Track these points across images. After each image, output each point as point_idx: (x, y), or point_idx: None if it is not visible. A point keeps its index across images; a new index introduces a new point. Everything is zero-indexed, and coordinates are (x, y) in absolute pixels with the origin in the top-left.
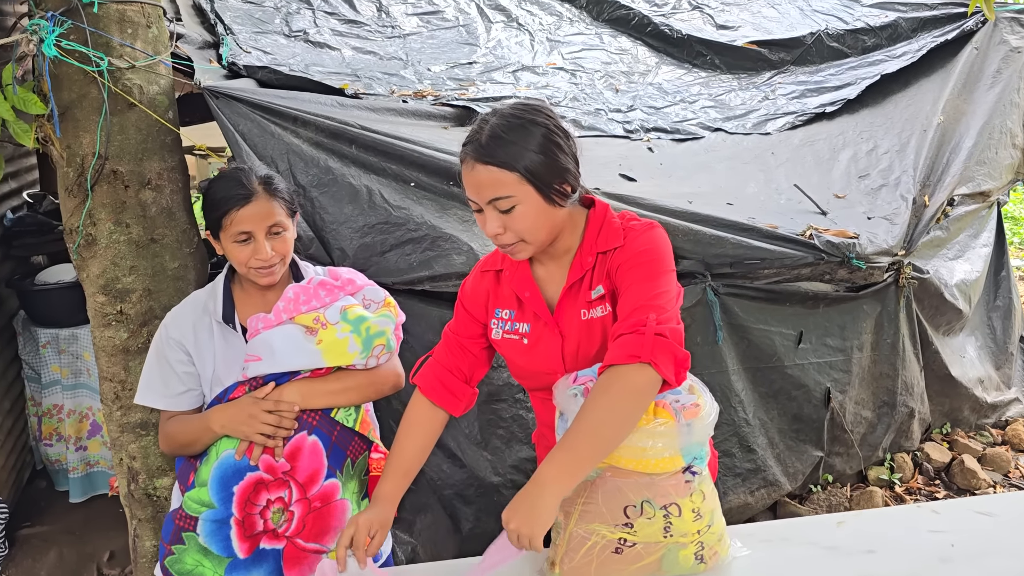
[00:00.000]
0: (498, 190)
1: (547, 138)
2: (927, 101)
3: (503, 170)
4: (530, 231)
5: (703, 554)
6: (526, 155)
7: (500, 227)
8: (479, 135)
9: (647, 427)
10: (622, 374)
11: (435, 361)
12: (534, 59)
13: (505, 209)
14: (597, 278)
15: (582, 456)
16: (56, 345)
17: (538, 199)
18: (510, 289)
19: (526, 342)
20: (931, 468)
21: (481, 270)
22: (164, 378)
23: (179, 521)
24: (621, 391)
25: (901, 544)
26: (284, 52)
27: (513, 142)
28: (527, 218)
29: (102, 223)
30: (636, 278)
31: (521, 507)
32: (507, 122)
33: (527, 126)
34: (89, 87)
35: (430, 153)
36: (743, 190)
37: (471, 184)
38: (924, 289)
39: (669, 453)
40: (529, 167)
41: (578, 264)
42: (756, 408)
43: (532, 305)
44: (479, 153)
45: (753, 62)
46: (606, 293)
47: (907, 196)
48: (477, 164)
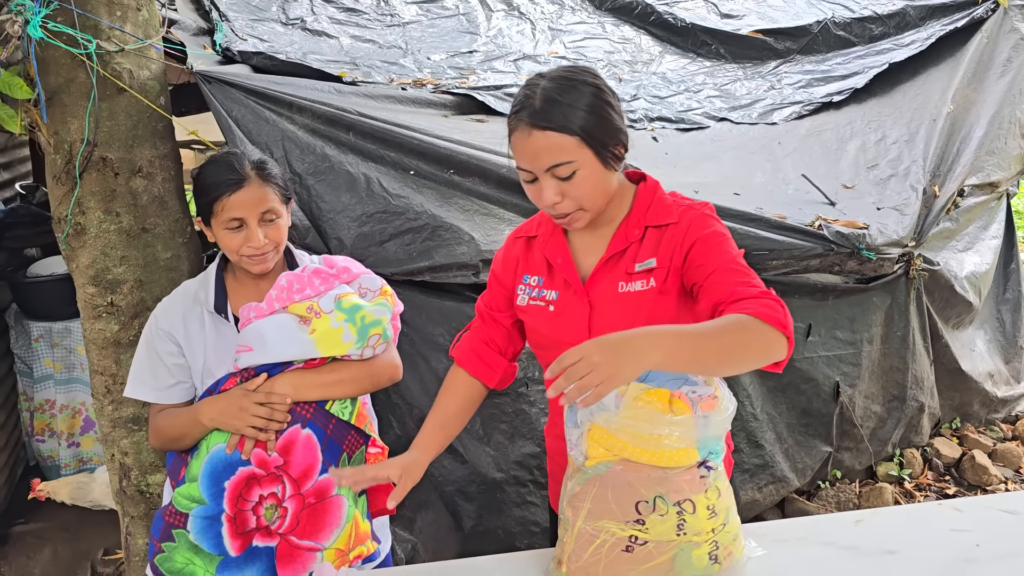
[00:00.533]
0: (557, 156)
1: (599, 98)
2: (936, 90)
3: (562, 134)
4: (589, 197)
5: (717, 554)
6: (582, 117)
7: (559, 195)
8: (531, 100)
9: (663, 416)
10: (768, 332)
11: (471, 334)
12: (535, 48)
13: (565, 176)
14: (646, 251)
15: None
16: (49, 339)
17: (596, 163)
18: (541, 255)
19: (552, 309)
20: (941, 464)
21: (514, 236)
22: (154, 370)
23: (169, 518)
24: (760, 344)
25: (923, 544)
26: (281, 40)
27: (568, 104)
28: (587, 183)
29: (91, 212)
30: (727, 256)
31: (617, 346)
32: (558, 84)
33: (579, 87)
34: (77, 71)
35: (430, 141)
36: (750, 180)
37: (527, 152)
38: (934, 281)
39: (684, 445)
40: (587, 129)
41: (622, 235)
42: (764, 402)
43: (563, 272)
44: (535, 118)
45: (758, 51)
46: (660, 268)
47: (917, 186)
48: (533, 130)
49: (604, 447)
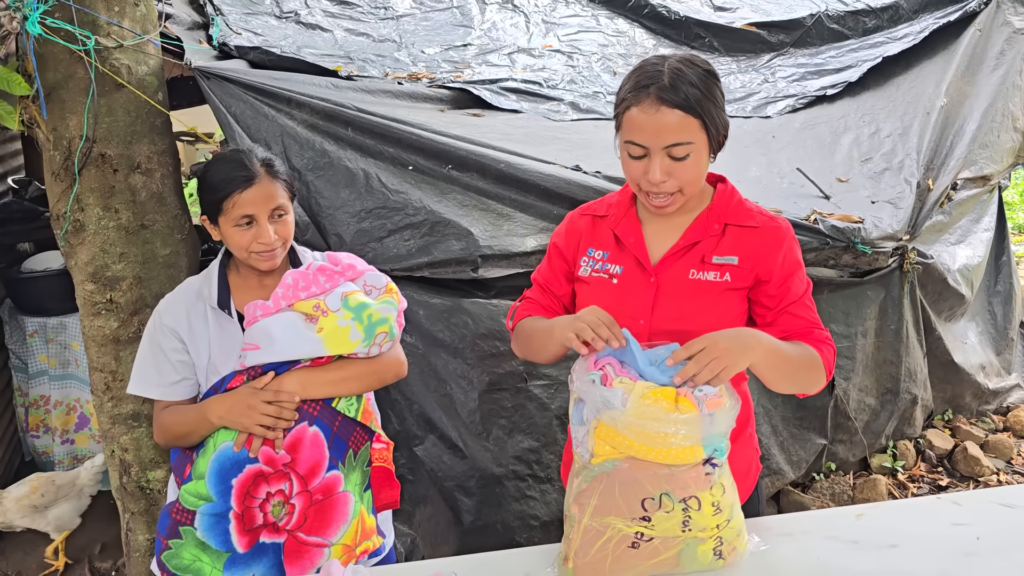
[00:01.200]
0: (680, 135)
1: (715, 85)
2: (930, 83)
3: (689, 115)
4: (693, 181)
5: (722, 549)
6: (707, 104)
7: (666, 175)
8: (659, 77)
9: (669, 415)
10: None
11: (528, 301)
12: (530, 41)
13: (680, 156)
14: (727, 248)
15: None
16: (44, 334)
17: (707, 148)
18: (610, 231)
19: (615, 282)
20: (933, 455)
21: (579, 214)
22: (158, 367)
23: (176, 515)
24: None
25: (924, 538)
26: (275, 33)
27: (699, 89)
28: (696, 167)
29: (90, 208)
30: (802, 290)
31: (735, 339)
32: (688, 68)
33: (706, 76)
34: (75, 67)
35: (428, 136)
36: (745, 173)
37: (650, 127)
38: (928, 274)
39: (690, 443)
40: (711, 115)
41: (700, 226)
42: (760, 396)
43: (635, 250)
44: (664, 93)
45: (752, 44)
46: (741, 268)
47: (911, 180)
48: (662, 106)
49: (611, 445)
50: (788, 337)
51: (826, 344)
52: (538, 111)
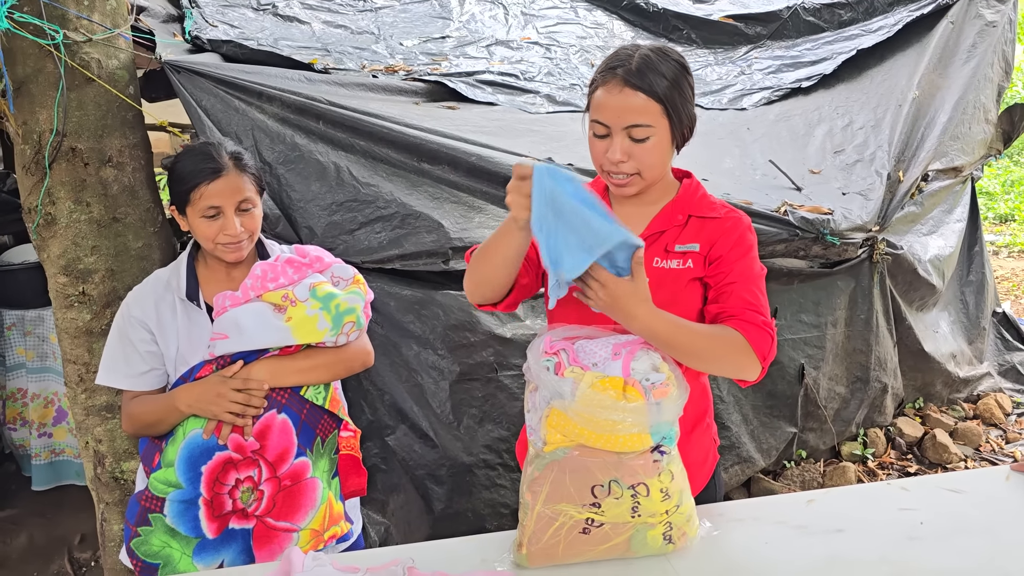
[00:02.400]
0: (640, 117)
1: (684, 78)
2: (903, 76)
3: (650, 99)
4: (652, 166)
5: (671, 534)
6: (672, 91)
7: (625, 155)
8: (628, 61)
9: (618, 403)
10: (747, 355)
11: None
12: (508, 33)
13: (639, 138)
14: (689, 236)
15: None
16: (22, 327)
17: (668, 137)
18: None
19: None
20: (904, 443)
21: None
22: (127, 357)
23: (145, 502)
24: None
25: (870, 522)
26: (252, 26)
27: (663, 74)
28: (655, 152)
29: (61, 202)
30: (749, 274)
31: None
32: (655, 53)
33: (674, 64)
34: (45, 61)
35: (399, 129)
36: (718, 165)
37: (612, 107)
38: (898, 265)
39: (638, 430)
40: (673, 103)
41: (665, 217)
42: (730, 385)
43: None
44: (629, 76)
45: (729, 36)
46: (701, 255)
47: (882, 171)
48: (626, 88)
49: (561, 433)
50: (721, 314)
51: (757, 328)
52: (514, 103)
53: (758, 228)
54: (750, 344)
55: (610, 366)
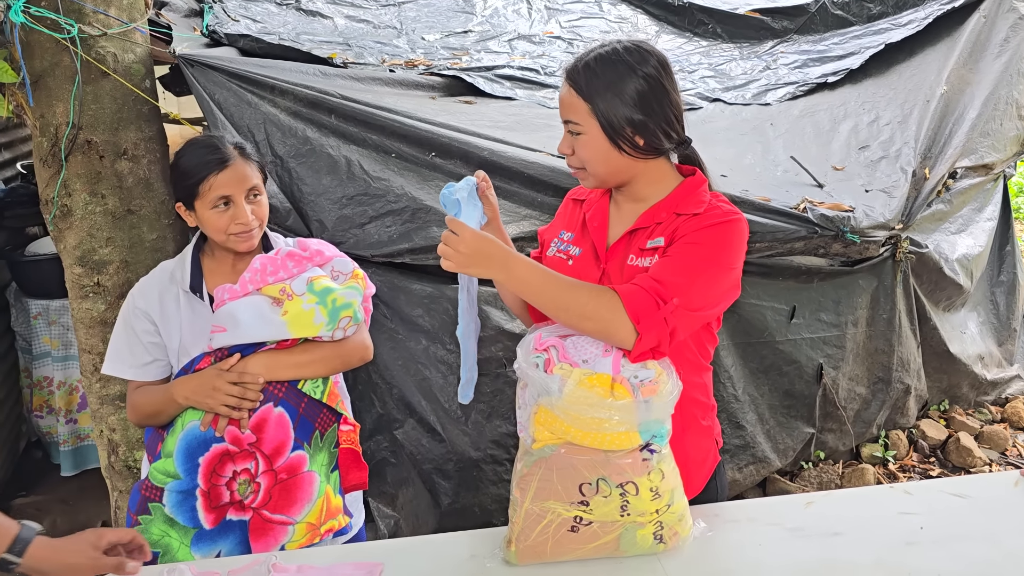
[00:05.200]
0: (569, 113)
1: (638, 89)
2: (932, 71)
3: (579, 97)
4: (588, 162)
5: (662, 534)
6: (605, 95)
7: (569, 148)
8: (583, 58)
9: (605, 400)
10: (616, 315)
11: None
12: (531, 28)
13: (574, 133)
14: (661, 232)
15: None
16: (47, 316)
17: (602, 138)
18: (583, 215)
19: (571, 264)
20: (926, 445)
21: (568, 197)
22: (131, 348)
23: (145, 492)
24: (600, 321)
25: (868, 526)
26: (275, 20)
27: (600, 77)
28: (587, 149)
29: (77, 194)
30: (688, 257)
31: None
32: (607, 56)
33: (621, 68)
34: (61, 55)
35: (411, 123)
36: (739, 161)
37: (559, 99)
38: (922, 264)
39: (626, 428)
40: (602, 107)
41: (650, 215)
42: (746, 384)
43: (594, 235)
44: (569, 72)
45: (755, 31)
46: (663, 248)
47: (907, 168)
48: (565, 82)
49: (549, 430)
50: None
51: (641, 292)
52: (533, 98)
53: (776, 225)
54: (623, 303)
55: (600, 363)
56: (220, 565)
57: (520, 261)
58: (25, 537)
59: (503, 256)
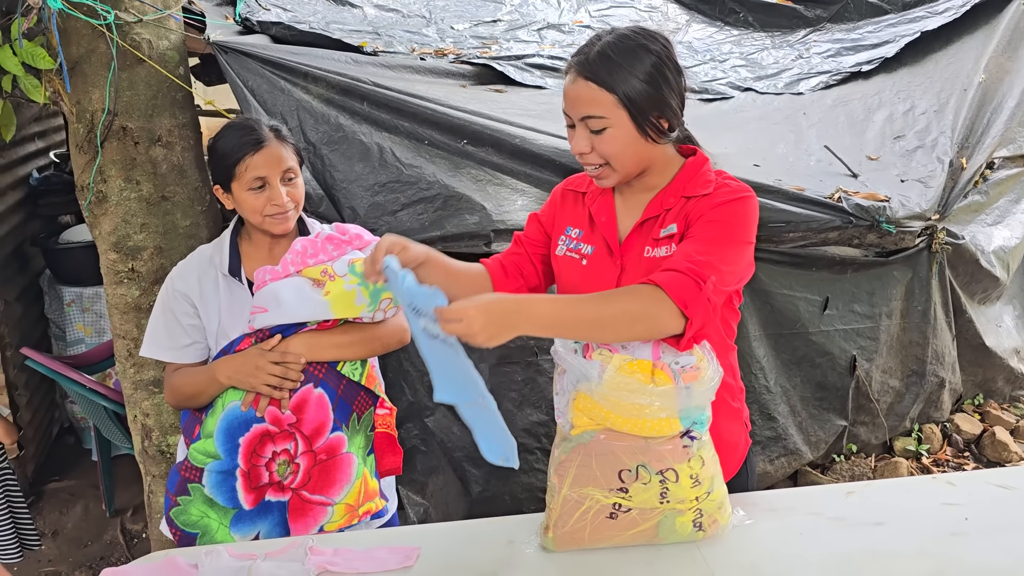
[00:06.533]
0: (592, 108)
1: (656, 68)
2: (969, 59)
3: (602, 89)
4: (616, 157)
5: (702, 521)
6: (629, 80)
7: (588, 146)
8: (589, 50)
9: (646, 387)
10: (663, 305)
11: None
12: (560, 17)
13: (596, 129)
14: (672, 219)
15: (571, 329)
16: (80, 303)
17: (631, 127)
18: (587, 209)
19: (585, 263)
20: (960, 440)
21: (563, 187)
22: (170, 330)
23: (184, 472)
24: (650, 317)
25: (912, 516)
26: (304, 9)
27: (620, 64)
28: (616, 143)
29: (112, 180)
30: (713, 234)
31: (495, 312)
32: (620, 42)
33: (638, 51)
34: (97, 41)
35: (443, 111)
36: (772, 151)
37: (568, 97)
38: (959, 255)
39: (666, 415)
40: (629, 93)
41: (658, 202)
42: (778, 375)
43: (604, 230)
44: (582, 67)
45: (788, 19)
46: (678, 235)
47: (944, 158)
48: (579, 78)
49: (588, 416)
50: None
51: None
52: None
53: (810, 215)
54: (666, 291)
55: (640, 349)
56: (258, 548)
57: (539, 301)
58: None
59: (518, 306)
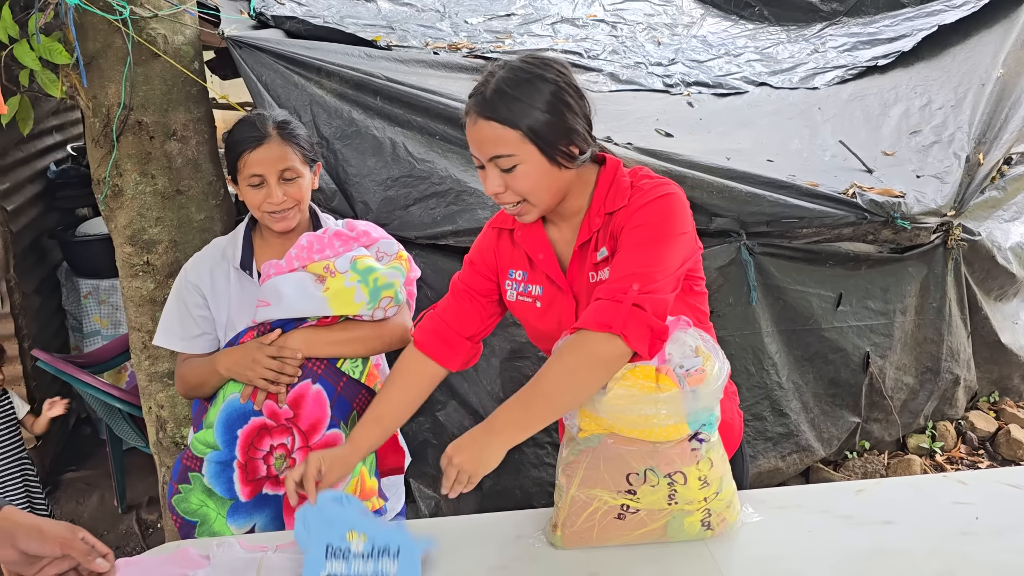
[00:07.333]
0: (499, 147)
1: (556, 96)
2: (987, 53)
3: (505, 127)
4: (532, 192)
5: (710, 521)
6: (531, 113)
7: (501, 186)
8: (484, 88)
9: (650, 395)
10: (590, 341)
11: (436, 313)
12: (574, 11)
13: (506, 168)
14: (602, 239)
15: (535, 415)
16: (96, 296)
17: (541, 160)
18: (522, 249)
19: (539, 305)
20: (975, 437)
21: (492, 227)
22: (181, 321)
23: (186, 461)
24: (586, 358)
25: (921, 515)
26: (320, 3)
27: (518, 99)
28: (528, 178)
29: (128, 174)
30: (633, 242)
31: (471, 447)
32: (514, 76)
33: (534, 82)
34: (114, 36)
35: (456, 105)
36: (786, 146)
37: (472, 139)
38: (975, 252)
39: (674, 421)
40: (533, 126)
41: (586, 225)
42: (790, 371)
43: (544, 267)
44: (482, 108)
45: (804, 13)
46: (610, 254)
47: (960, 154)
48: (480, 119)
49: (595, 422)
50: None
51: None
52: None
53: (824, 211)
54: (590, 328)
55: None
56: (268, 540)
57: (496, 415)
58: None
59: (483, 432)
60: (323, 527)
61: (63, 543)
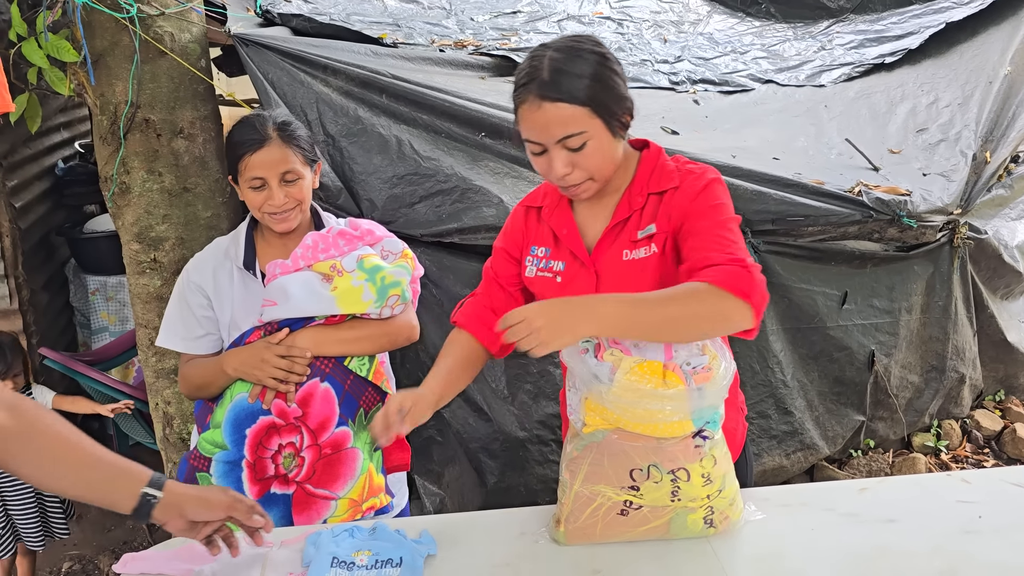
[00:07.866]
0: (569, 127)
1: (604, 66)
2: (995, 51)
3: (573, 105)
4: (600, 167)
5: (713, 518)
6: (592, 86)
7: (569, 166)
8: (539, 72)
9: (657, 391)
10: (726, 301)
11: (475, 299)
12: (580, 8)
13: (576, 147)
14: (647, 218)
15: (636, 326)
16: (104, 292)
17: (606, 132)
18: (548, 226)
19: (559, 280)
20: (980, 436)
21: (521, 206)
22: (184, 321)
23: (193, 461)
24: (716, 314)
25: (925, 514)
26: (325, 1)
27: (578, 75)
28: (598, 154)
29: (135, 171)
30: (712, 222)
31: (561, 318)
32: (564, 54)
33: (584, 55)
34: (121, 34)
35: (461, 103)
36: (791, 144)
37: (536, 125)
38: (981, 250)
39: (679, 418)
40: (595, 98)
41: (626, 203)
42: (795, 369)
43: (569, 243)
44: (544, 89)
45: (810, 10)
46: (660, 233)
47: (967, 152)
48: (544, 102)
49: (600, 416)
50: (690, 270)
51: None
52: None
53: (829, 209)
54: (724, 288)
55: (651, 349)
56: (273, 536)
57: (602, 302)
58: (159, 475)
59: (582, 307)
60: (332, 546)
61: (227, 507)
